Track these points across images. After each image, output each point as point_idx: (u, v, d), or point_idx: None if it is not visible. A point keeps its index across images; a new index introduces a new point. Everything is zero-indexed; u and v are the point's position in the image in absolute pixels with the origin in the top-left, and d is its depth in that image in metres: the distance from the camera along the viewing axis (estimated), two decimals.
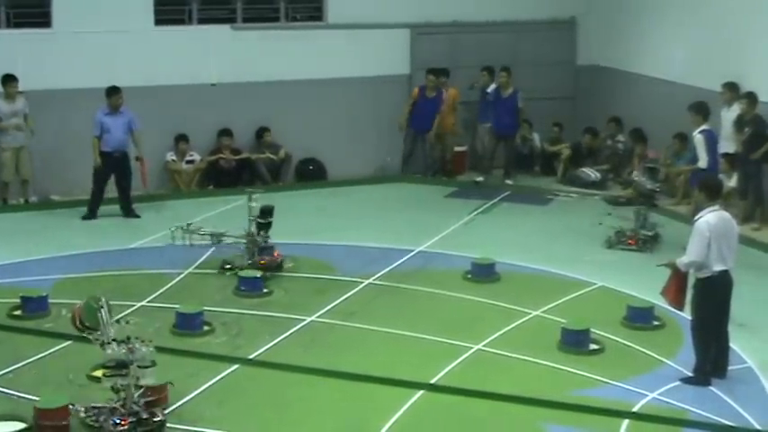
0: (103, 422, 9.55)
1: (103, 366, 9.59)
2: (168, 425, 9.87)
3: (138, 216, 17.05)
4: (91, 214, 17.02)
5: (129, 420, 9.54)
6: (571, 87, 21.03)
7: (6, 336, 11.55)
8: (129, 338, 9.59)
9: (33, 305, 12.60)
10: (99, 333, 9.63)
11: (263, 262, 14.10)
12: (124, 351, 9.52)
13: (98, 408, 9.70)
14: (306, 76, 19.53)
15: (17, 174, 17.70)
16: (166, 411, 9.90)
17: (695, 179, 14.98)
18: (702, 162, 15.94)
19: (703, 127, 15.93)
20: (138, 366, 9.53)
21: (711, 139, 16.01)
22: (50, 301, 12.73)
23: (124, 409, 9.58)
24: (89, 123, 17.41)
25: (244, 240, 14.25)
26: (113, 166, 17.07)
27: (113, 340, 9.57)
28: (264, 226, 14.27)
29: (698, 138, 15.98)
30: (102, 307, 9.69)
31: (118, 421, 9.52)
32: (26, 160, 17.70)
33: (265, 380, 10.81)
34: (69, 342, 9.76)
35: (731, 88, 16.65)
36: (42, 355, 11.13)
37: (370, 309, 13.02)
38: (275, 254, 14.32)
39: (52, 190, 18.30)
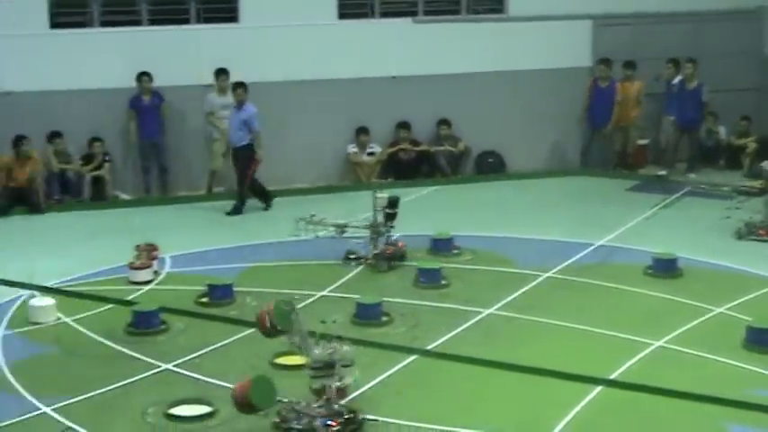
0: (306, 425, 9.52)
1: (310, 368, 9.61)
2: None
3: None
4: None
5: (339, 421, 9.56)
6: (757, 79, 20.45)
7: (194, 322, 11.94)
8: (329, 338, 9.61)
9: (219, 293, 12.93)
10: (293, 336, 9.57)
11: (389, 251, 14.19)
12: (329, 352, 9.57)
13: (299, 411, 9.66)
14: (486, 69, 19.54)
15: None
16: (346, 400, 10.04)
17: None
18: None
19: None
20: (342, 366, 9.57)
21: None
22: (235, 289, 13.07)
23: (327, 410, 9.58)
24: (275, 116, 17.83)
25: (367, 231, 14.30)
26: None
27: (318, 342, 9.61)
28: (391, 216, 14.32)
29: None
30: (293, 309, 9.63)
31: (329, 423, 9.52)
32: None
33: (442, 371, 10.86)
34: (253, 330, 9.96)
35: None
36: (227, 341, 11.44)
37: (549, 302, 12.94)
38: (399, 244, 14.38)
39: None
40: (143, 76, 18.12)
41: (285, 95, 18.60)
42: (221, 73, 18.13)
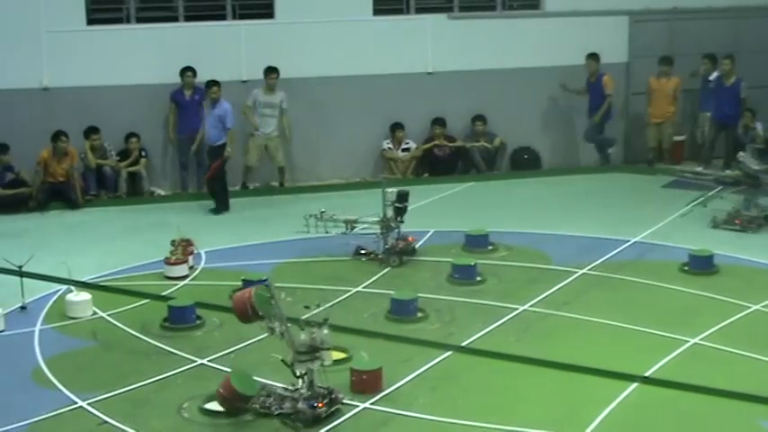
0: (292, 408, 9.70)
1: (297, 353, 9.75)
2: (383, 409, 10.04)
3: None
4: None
5: (324, 402, 9.72)
6: None
7: (229, 317, 11.96)
8: (311, 323, 9.80)
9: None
10: (272, 322, 9.76)
11: (400, 246, 14.18)
12: (312, 336, 9.73)
13: (282, 395, 9.87)
14: (522, 65, 19.50)
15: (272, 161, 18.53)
16: (379, 396, 10.06)
17: None
18: None
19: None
20: (323, 349, 9.73)
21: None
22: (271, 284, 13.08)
23: (311, 392, 9.75)
24: (310, 112, 17.88)
25: (377, 226, 14.28)
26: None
27: (305, 327, 9.78)
28: (401, 211, 14.29)
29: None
30: (273, 296, 9.83)
31: (315, 404, 9.70)
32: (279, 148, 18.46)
33: (477, 367, 10.86)
34: (289, 325, 9.99)
35: None
36: (262, 336, 11.46)
37: (584, 299, 12.90)
38: (410, 239, 14.35)
39: (271, 177, 18.89)
40: (187, 71, 18.20)
41: (320, 91, 18.64)
42: (271, 71, 18.19)
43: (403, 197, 14.32)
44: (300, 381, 9.81)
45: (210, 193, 17.27)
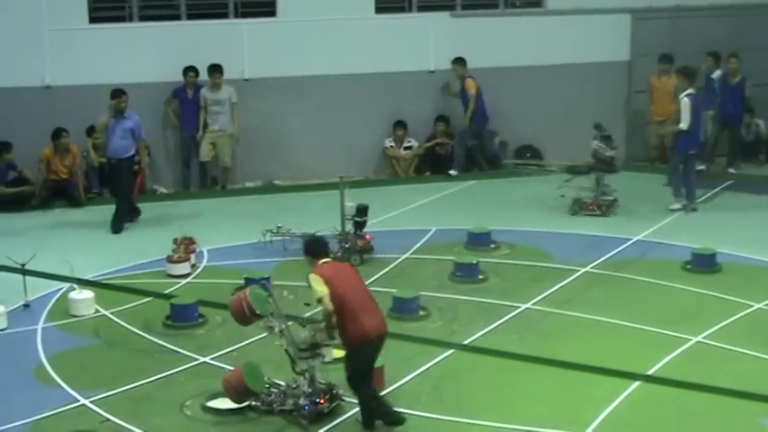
0: (291, 405, 9.76)
1: (298, 350, 9.76)
2: None
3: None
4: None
5: (325, 398, 9.77)
6: None
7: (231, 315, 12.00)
8: (311, 320, 9.88)
9: None
10: (270, 320, 9.80)
11: (360, 244, 14.15)
12: (312, 333, 9.77)
13: (284, 391, 9.92)
14: (524, 63, 19.47)
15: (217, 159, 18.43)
16: (381, 394, 10.06)
17: (681, 140, 16.44)
18: (684, 124, 16.30)
19: (689, 91, 16.44)
20: (323, 346, 9.78)
21: (695, 103, 16.53)
22: (273, 282, 13.10)
23: (312, 388, 9.79)
24: (312, 110, 17.86)
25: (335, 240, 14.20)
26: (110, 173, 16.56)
27: (306, 325, 9.83)
28: (361, 225, 14.27)
29: (684, 101, 16.38)
30: (270, 294, 9.84)
31: (318, 400, 9.73)
32: (227, 148, 18.34)
33: (480, 365, 10.88)
34: (291, 323, 10.00)
35: None
36: (265, 334, 11.43)
37: (587, 297, 12.91)
38: (367, 237, 14.31)
39: (277, 175, 18.89)
40: (189, 71, 18.20)
41: (322, 89, 18.63)
42: (215, 69, 18.17)
43: (363, 211, 14.28)
44: (301, 377, 9.82)
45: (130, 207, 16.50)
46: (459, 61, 18.86)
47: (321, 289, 9.36)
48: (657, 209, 16.58)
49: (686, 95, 16.44)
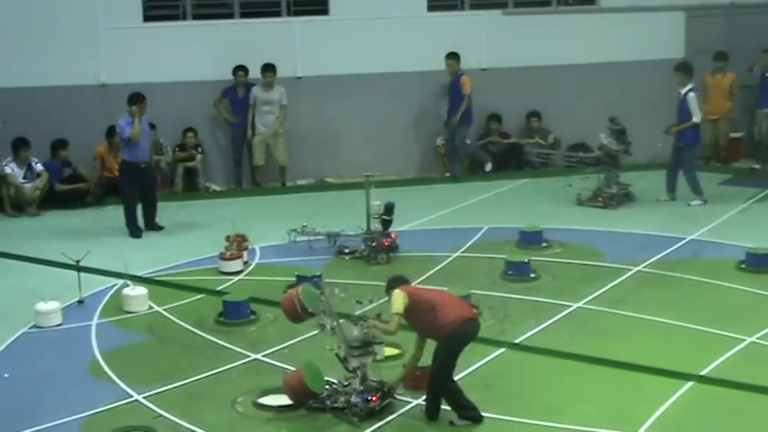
0: (343, 403, 9.76)
1: (350, 348, 9.76)
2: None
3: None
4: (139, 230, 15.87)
5: (377, 396, 9.76)
6: None
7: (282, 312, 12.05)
8: (364, 318, 9.83)
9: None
10: (323, 318, 9.80)
11: (387, 242, 14.14)
12: (365, 331, 9.76)
13: (335, 389, 9.93)
14: (577, 61, 19.41)
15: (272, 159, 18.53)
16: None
17: (684, 134, 16.88)
18: (697, 117, 16.77)
19: (691, 86, 16.84)
20: (375, 344, 9.79)
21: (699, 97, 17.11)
22: (324, 280, 13.11)
23: (363, 386, 9.79)
24: (365, 108, 17.88)
25: (360, 239, 14.32)
26: (141, 177, 15.88)
27: (358, 323, 9.81)
28: (387, 223, 14.23)
29: (691, 96, 16.76)
30: (322, 291, 9.85)
31: (369, 398, 9.73)
32: (281, 147, 18.40)
33: (531, 365, 10.84)
34: (342, 320, 10.02)
35: None
36: (316, 331, 11.46)
37: (639, 296, 12.82)
38: (393, 235, 14.28)
39: (328, 172, 18.95)
40: (239, 70, 18.30)
41: (374, 87, 18.67)
42: (267, 69, 18.23)
43: (390, 210, 14.27)
44: (354, 375, 9.84)
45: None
46: (453, 56, 18.62)
47: (397, 307, 9.50)
48: (710, 208, 16.45)
49: (690, 90, 16.77)
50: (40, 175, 17.41)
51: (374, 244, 14.17)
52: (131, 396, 10.32)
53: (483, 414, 9.69)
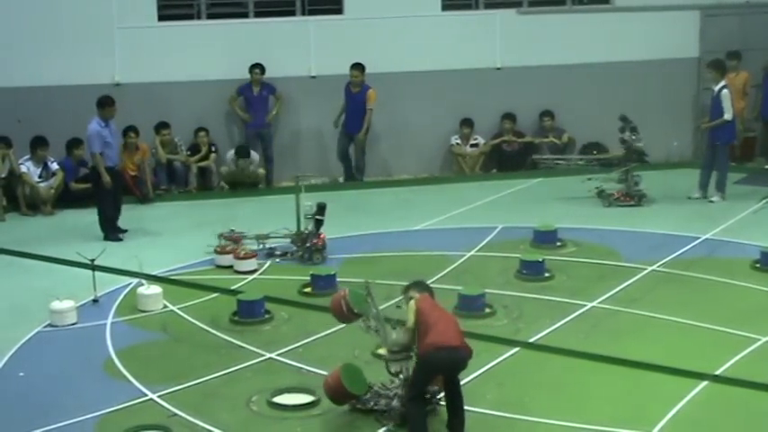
0: (384, 406, 9.72)
1: (389, 351, 9.73)
2: None
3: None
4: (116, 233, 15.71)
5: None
6: None
7: (297, 311, 12.06)
8: (400, 323, 9.76)
9: (322, 283, 13.02)
10: (369, 320, 9.77)
11: (319, 242, 14.12)
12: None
13: (378, 392, 9.90)
14: (591, 60, 19.39)
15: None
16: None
17: (721, 132, 17.06)
18: (728, 114, 16.90)
19: (724, 83, 17.02)
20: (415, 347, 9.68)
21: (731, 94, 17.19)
22: (338, 279, 13.15)
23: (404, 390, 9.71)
24: (379, 107, 17.91)
25: (289, 240, 14.29)
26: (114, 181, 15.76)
27: (395, 326, 9.77)
28: (320, 223, 14.17)
29: (724, 93, 16.90)
30: (369, 293, 9.83)
31: None
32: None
33: (545, 364, 10.82)
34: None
35: None
36: (330, 331, 11.52)
37: (654, 296, 12.80)
38: (321, 235, 14.21)
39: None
40: (255, 68, 18.33)
41: (388, 86, 18.64)
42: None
43: (322, 209, 14.19)
44: (396, 378, 9.78)
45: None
46: (358, 67, 18.29)
47: (409, 325, 9.50)
48: (725, 207, 16.41)
49: (723, 87, 16.95)
50: (56, 175, 17.47)
51: (308, 245, 14.12)
52: (146, 395, 10.34)
53: (496, 413, 9.67)
